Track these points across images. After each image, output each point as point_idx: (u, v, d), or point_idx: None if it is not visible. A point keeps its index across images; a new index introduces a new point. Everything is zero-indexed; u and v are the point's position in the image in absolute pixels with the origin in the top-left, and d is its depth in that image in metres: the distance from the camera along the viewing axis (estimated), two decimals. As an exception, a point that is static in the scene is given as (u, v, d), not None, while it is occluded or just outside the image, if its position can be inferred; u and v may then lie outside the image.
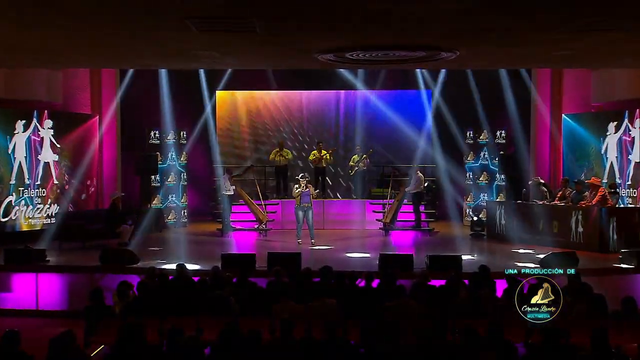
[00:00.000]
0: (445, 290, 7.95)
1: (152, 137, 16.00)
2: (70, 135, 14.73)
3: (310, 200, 13.28)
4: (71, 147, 14.74)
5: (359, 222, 15.94)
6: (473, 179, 16.72)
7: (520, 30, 8.33)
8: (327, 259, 11.05)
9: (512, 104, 15.69)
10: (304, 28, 8.23)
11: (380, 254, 10.66)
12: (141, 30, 8.34)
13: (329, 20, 7.74)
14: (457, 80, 16.43)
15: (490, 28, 8.20)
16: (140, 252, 11.58)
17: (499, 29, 8.25)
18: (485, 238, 14.36)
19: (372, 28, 8.15)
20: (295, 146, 17.99)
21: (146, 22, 7.82)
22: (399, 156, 17.39)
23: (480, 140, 16.57)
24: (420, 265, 10.32)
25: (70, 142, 14.73)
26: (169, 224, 16.17)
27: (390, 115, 17.56)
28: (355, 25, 8.03)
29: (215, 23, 7.79)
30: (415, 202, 15.08)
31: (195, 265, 10.54)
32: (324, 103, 18.26)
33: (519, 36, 8.71)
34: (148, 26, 8.07)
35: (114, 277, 9.55)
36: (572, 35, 8.44)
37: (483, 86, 16.16)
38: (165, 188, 16.14)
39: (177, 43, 9.19)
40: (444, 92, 16.96)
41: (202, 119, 17.70)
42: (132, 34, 8.54)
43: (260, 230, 14.99)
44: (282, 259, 10.22)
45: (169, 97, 16.03)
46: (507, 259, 11.69)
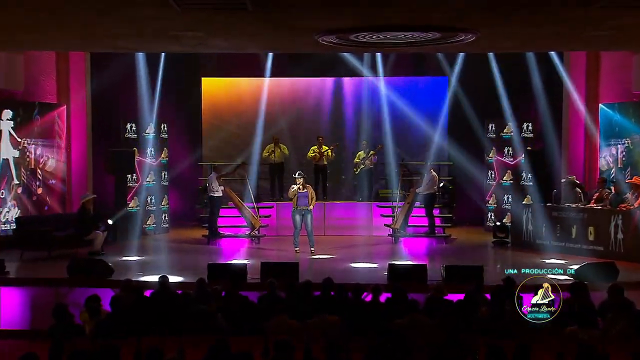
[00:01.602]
0: (464, 306, 7.97)
1: (128, 131, 15.97)
2: (33, 128, 14.69)
3: (308, 203, 13.29)
4: (34, 142, 14.70)
5: (365, 228, 15.95)
6: (495, 178, 16.69)
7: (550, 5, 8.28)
8: (329, 270, 10.99)
9: (541, 92, 15.69)
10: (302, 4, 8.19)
11: (389, 264, 10.69)
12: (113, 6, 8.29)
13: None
14: (477, 65, 16.40)
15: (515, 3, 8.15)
16: (115, 263, 11.58)
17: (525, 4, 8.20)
18: (509, 246, 14.36)
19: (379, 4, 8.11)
20: (293, 141, 17.93)
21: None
22: (411, 152, 17.40)
23: (504, 135, 16.56)
24: (435, 277, 10.34)
25: (33, 135, 14.70)
26: (147, 229, 16.18)
27: (401, 105, 17.57)
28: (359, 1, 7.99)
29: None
30: (428, 205, 15.06)
31: (178, 277, 10.55)
32: (325, 92, 18.27)
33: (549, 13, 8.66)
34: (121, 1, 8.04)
35: (84, 291, 9.48)
36: (612, 11, 8.36)
37: (507, 72, 16.15)
38: (143, 189, 16.13)
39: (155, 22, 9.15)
40: (462, 79, 16.95)
41: (186, 110, 17.76)
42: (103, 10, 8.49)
43: (252, 236, 14.99)
44: (277, 269, 10.26)
45: (148, 85, 16.03)
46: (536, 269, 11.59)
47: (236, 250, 14.15)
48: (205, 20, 9.15)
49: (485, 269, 10.43)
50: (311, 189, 13.67)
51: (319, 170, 16.55)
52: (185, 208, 17.92)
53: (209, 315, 7.50)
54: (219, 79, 18.19)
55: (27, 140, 14.57)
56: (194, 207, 17.15)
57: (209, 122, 18.15)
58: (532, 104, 16.03)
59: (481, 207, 16.95)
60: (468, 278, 9.65)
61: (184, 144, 17.93)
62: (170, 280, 9.00)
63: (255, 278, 10.26)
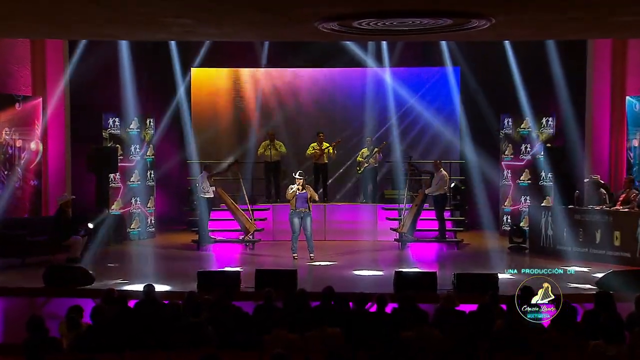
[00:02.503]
0: (477, 318, 7.94)
1: (111, 126, 15.97)
2: (5, 122, 14.66)
3: (308, 205, 13.29)
4: (7, 138, 14.68)
5: (369, 232, 15.96)
6: (512, 178, 16.69)
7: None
8: (330, 278, 11.05)
9: (562, 84, 15.66)
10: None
11: (396, 271, 10.69)
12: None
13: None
14: (492, 55, 16.42)
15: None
16: (96, 270, 11.56)
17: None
18: (527, 252, 14.37)
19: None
20: (290, 137, 17.88)
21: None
22: (419, 150, 17.40)
23: (522, 130, 16.55)
24: (445, 285, 10.34)
25: (6, 131, 14.66)
26: (131, 234, 16.19)
27: (408, 98, 17.59)
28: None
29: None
30: (438, 207, 15.06)
31: (165, 286, 10.55)
32: (326, 84, 18.27)
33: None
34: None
35: (62, 301, 9.55)
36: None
37: (525, 62, 16.15)
38: (127, 190, 16.12)
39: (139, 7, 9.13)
40: (476, 69, 16.98)
41: (174, 104, 17.71)
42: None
43: (246, 241, 14.98)
44: (273, 277, 10.28)
45: (132, 77, 16.04)
46: (555, 278, 11.49)
47: (229, 257, 14.15)
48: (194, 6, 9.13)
49: (500, 278, 10.41)
50: (311, 189, 13.66)
51: (319, 169, 16.53)
52: (173, 210, 17.92)
53: (199, 328, 7.46)
54: (210, 69, 18.16)
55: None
56: (183, 209, 17.10)
57: (199, 117, 18.09)
58: (552, 97, 16.01)
59: (496, 209, 16.95)
60: (482, 287, 9.64)
61: (172, 140, 17.91)
62: (156, 289, 8.94)
63: (249, 287, 10.27)
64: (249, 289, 10.19)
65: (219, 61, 17.87)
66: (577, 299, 9.38)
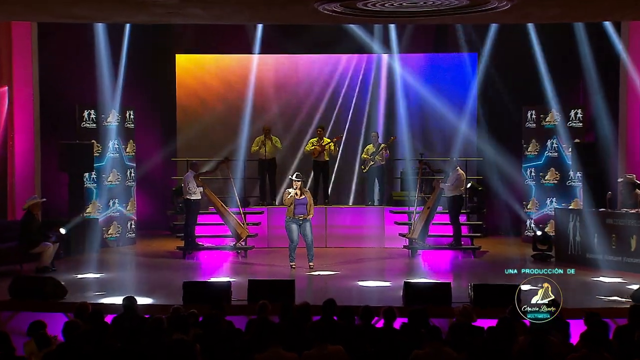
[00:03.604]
0: (497, 335, 7.89)
1: (86, 119, 15.92)
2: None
3: (307, 211, 13.31)
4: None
5: (375, 238, 15.99)
6: (536, 177, 16.67)
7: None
8: (331, 290, 11.07)
9: (593, 72, 15.65)
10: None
11: (405, 282, 10.68)
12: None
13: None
14: (513, 39, 16.42)
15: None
16: (69, 281, 11.54)
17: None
18: (553, 260, 14.34)
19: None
20: (287, 132, 17.97)
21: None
22: (432, 146, 17.42)
23: (547, 124, 16.53)
24: (461, 298, 10.32)
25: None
26: (109, 240, 16.17)
27: (420, 88, 17.62)
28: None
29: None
30: (453, 210, 15.03)
31: (146, 299, 10.54)
32: (327, 73, 18.28)
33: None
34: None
35: (30, 316, 9.45)
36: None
37: (551, 48, 16.12)
38: (104, 191, 16.10)
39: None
40: (496, 56, 16.96)
41: (157, 94, 17.72)
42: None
43: (238, 249, 14.97)
44: (268, 289, 10.25)
45: (109, 64, 16.03)
46: (586, 290, 11.62)
47: (218, 266, 14.13)
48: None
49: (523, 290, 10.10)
50: (309, 194, 13.64)
51: (319, 167, 16.53)
52: (156, 214, 17.92)
53: (184, 346, 7.43)
54: (197, 56, 18.17)
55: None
56: (167, 212, 17.14)
57: (185, 109, 18.13)
58: (581, 87, 16.06)
59: (518, 212, 16.91)
60: (502, 300, 9.59)
61: (155, 135, 17.95)
62: (137, 302, 8.98)
63: (241, 300, 10.26)
64: (241, 302, 10.18)
65: (207, 47, 17.91)
66: (609, 313, 9.41)
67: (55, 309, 10.08)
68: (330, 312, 8.38)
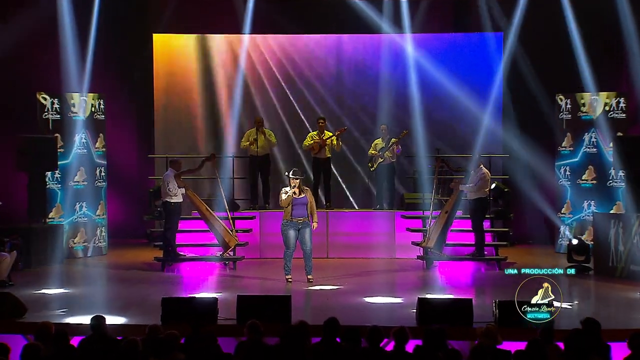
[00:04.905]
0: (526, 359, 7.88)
1: (48, 109, 15.89)
2: None
3: (307, 213, 13.22)
4: None
5: (384, 248, 15.99)
6: (571, 177, 16.63)
7: None
8: (334, 307, 11.07)
9: (639, 54, 15.63)
10: None
11: (420, 298, 10.62)
12: None
13: None
14: (545, 16, 16.46)
15: None
16: (28, 297, 11.52)
17: None
18: (591, 273, 14.32)
19: None
20: (282, 125, 18.03)
21: None
22: (450, 140, 17.45)
23: (584, 115, 16.49)
24: (484, 317, 10.28)
25: None
26: (75, 250, 16.15)
27: (436, 74, 17.62)
28: None
29: None
30: (476, 214, 14.98)
31: (119, 318, 10.54)
32: (328, 56, 18.34)
33: None
34: None
35: (-17, 338, 9.42)
36: None
37: (588, 25, 16.15)
38: (70, 192, 16.05)
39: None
40: (524, 35, 16.91)
41: (131, 80, 17.64)
42: None
43: (225, 259, 14.93)
44: (260, 305, 10.27)
45: (76, 46, 16.03)
46: (630, 308, 11.59)
47: (203, 279, 14.16)
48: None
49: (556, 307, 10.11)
50: (310, 193, 13.56)
51: (320, 165, 16.51)
52: (130, 219, 17.98)
53: (161, 373, 7.35)
54: (178, 36, 18.16)
55: None
56: (143, 217, 17.13)
57: (164, 98, 18.12)
58: (624, 71, 16.07)
59: (550, 218, 16.91)
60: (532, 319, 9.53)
61: (129, 128, 18.01)
62: (107, 322, 8.92)
63: (229, 319, 10.24)
64: (229, 321, 10.16)
65: (189, 26, 17.90)
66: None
67: (12, 329, 10.02)
68: (332, 333, 8.31)
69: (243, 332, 8.41)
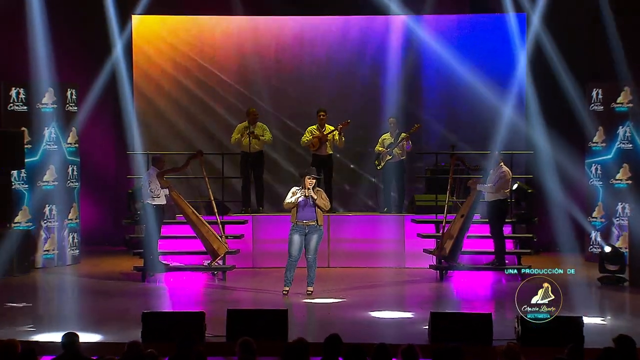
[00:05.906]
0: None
1: (14, 100, 15.92)
2: None
3: (316, 216, 13.22)
4: None
5: (393, 256, 16.03)
6: (604, 176, 16.60)
7: None
8: (336, 322, 11.13)
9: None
10: None
11: (432, 313, 10.66)
12: None
13: None
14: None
15: None
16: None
17: None
18: (626, 285, 14.31)
19: None
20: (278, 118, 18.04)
21: None
22: (467, 135, 17.46)
23: (618, 107, 16.49)
24: (505, 334, 10.27)
25: None
26: (45, 258, 16.13)
27: (451, 61, 17.63)
28: None
29: None
30: (495, 218, 14.95)
31: (94, 335, 10.53)
32: (329, 40, 18.36)
33: None
34: None
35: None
36: None
37: (623, 6, 16.17)
38: (38, 194, 16.05)
39: None
40: (550, 18, 16.91)
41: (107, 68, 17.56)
42: None
43: (213, 269, 14.92)
44: (253, 321, 10.31)
45: (45, 28, 16.05)
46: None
47: (188, 291, 14.20)
48: None
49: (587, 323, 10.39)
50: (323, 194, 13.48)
51: (320, 163, 16.38)
52: (107, 224, 18.11)
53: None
54: (160, 17, 18.13)
55: None
56: (121, 222, 17.04)
57: (145, 87, 18.12)
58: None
59: (580, 222, 16.90)
60: (558, 337, 9.70)
61: (105, 121, 18.00)
62: (81, 339, 8.85)
63: (218, 335, 10.25)
64: (218, 339, 10.18)
65: (173, 6, 17.89)
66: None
67: (-28, 347, 10.05)
68: (334, 351, 8.26)
69: (234, 351, 8.32)
